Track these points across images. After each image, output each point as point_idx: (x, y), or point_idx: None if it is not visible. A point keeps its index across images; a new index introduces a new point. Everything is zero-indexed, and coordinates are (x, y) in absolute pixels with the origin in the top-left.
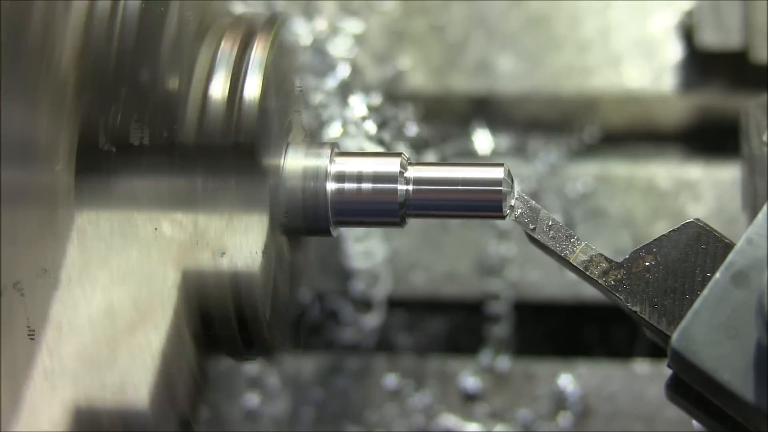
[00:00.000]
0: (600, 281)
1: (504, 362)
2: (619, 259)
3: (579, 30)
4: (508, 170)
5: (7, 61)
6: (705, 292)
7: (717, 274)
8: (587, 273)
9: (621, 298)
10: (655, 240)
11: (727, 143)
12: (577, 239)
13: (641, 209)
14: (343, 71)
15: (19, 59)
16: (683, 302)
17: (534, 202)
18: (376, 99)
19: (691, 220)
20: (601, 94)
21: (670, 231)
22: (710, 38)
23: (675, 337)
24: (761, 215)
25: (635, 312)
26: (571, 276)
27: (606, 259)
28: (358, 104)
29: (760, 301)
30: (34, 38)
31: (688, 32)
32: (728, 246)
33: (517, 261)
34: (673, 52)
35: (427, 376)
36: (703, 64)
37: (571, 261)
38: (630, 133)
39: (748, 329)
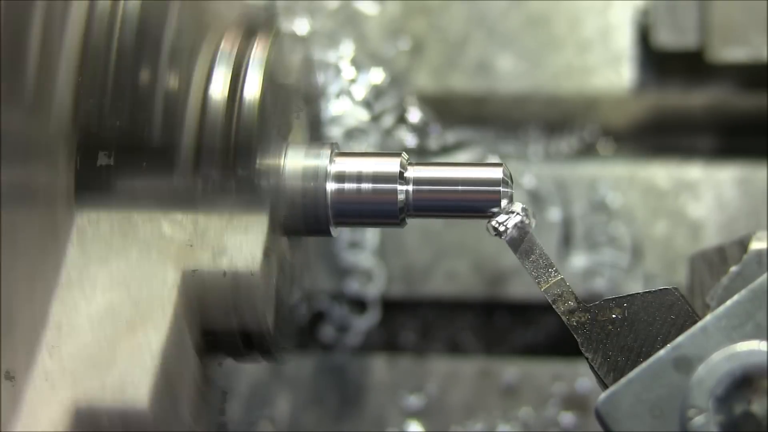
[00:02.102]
0: (563, 317)
1: (504, 362)
2: (589, 303)
3: (579, 30)
4: (509, 171)
5: (7, 62)
6: (644, 364)
7: (662, 351)
8: (554, 307)
9: (578, 340)
10: (628, 295)
11: (681, 141)
12: (556, 272)
13: (641, 209)
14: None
15: (20, 60)
16: (635, 364)
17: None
18: (377, 76)
19: (670, 288)
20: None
21: (646, 291)
22: (666, 38)
23: (601, 399)
24: (723, 308)
25: (586, 358)
26: (571, 276)
27: (576, 298)
28: (347, 68)
29: (686, 394)
30: (35, 39)
31: (644, 32)
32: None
33: (518, 261)
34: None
35: (428, 376)
36: (660, 63)
37: (541, 290)
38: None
39: (673, 415)
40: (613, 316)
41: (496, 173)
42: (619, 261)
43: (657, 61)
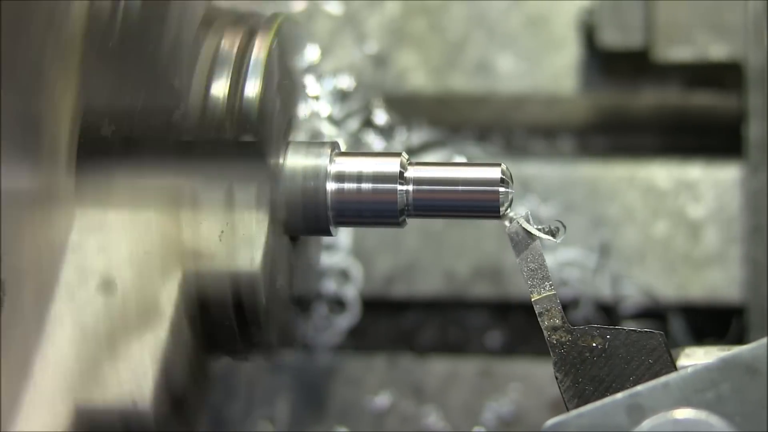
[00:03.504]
0: (545, 332)
1: (504, 362)
2: (572, 322)
3: None
4: (508, 171)
5: (7, 59)
6: (599, 402)
7: (619, 395)
8: (539, 319)
9: (553, 359)
10: (613, 328)
11: (626, 140)
12: (551, 286)
13: (641, 209)
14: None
15: (20, 56)
16: (601, 397)
17: (535, 230)
18: (345, 83)
19: (656, 332)
20: None
21: (632, 329)
22: (611, 38)
23: (548, 424)
24: (691, 369)
25: (556, 377)
26: (569, 275)
27: (563, 317)
28: (312, 84)
29: None
30: (35, 37)
31: (589, 31)
32: None
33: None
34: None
35: (428, 377)
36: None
37: (532, 299)
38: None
39: None
40: (594, 344)
41: (495, 173)
42: (586, 261)
43: (602, 61)
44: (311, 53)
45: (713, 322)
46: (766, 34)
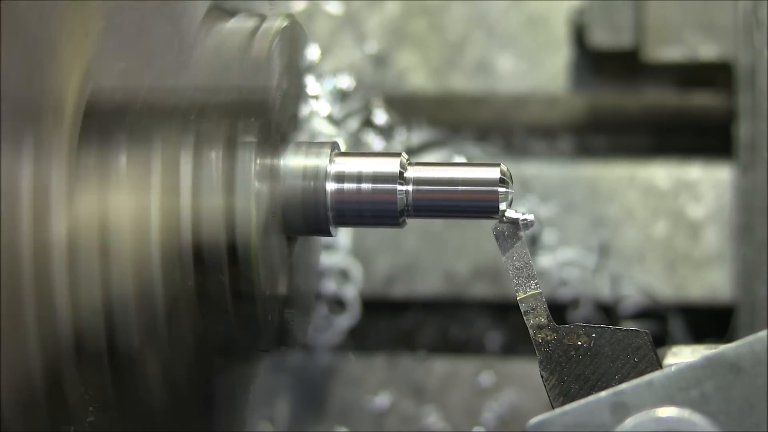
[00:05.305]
0: (530, 331)
1: (504, 362)
2: (558, 322)
3: None
4: (508, 171)
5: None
6: (583, 401)
7: (603, 393)
8: (524, 318)
9: (539, 357)
10: (599, 326)
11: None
12: (536, 285)
13: (641, 209)
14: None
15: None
16: (586, 395)
17: (521, 230)
18: (345, 83)
19: (641, 330)
20: None
21: (617, 328)
22: (601, 38)
23: (531, 423)
24: (675, 368)
25: (541, 375)
26: (569, 275)
27: (548, 316)
28: (312, 84)
29: None
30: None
31: (579, 31)
32: None
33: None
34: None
35: (429, 377)
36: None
37: (517, 298)
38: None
39: None
40: (579, 342)
41: (494, 173)
42: (586, 261)
43: (592, 61)
44: (311, 53)
45: (713, 322)
46: (755, 34)
